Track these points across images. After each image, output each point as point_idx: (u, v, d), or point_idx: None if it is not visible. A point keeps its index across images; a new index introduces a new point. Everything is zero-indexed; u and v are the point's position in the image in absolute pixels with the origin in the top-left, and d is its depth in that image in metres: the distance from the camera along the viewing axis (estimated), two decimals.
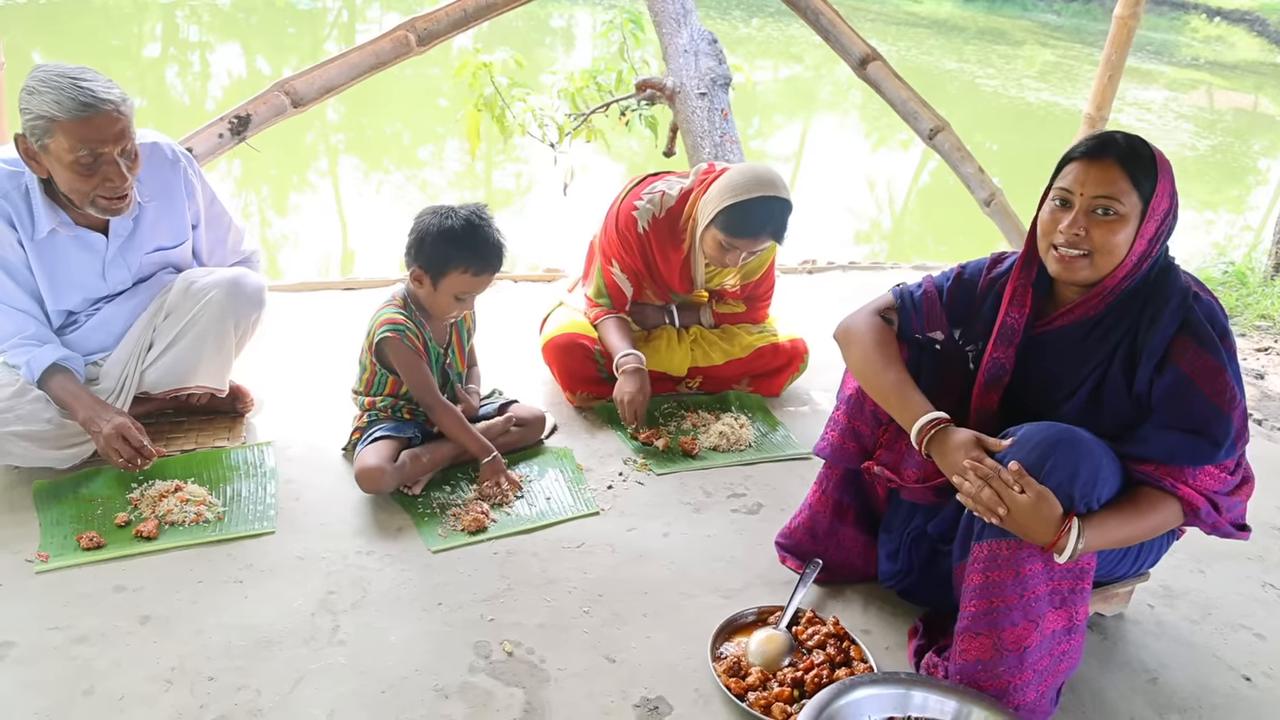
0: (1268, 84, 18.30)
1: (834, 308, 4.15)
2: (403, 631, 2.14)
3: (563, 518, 2.59)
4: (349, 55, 3.24)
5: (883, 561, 2.35)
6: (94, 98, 2.20)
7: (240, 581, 2.24)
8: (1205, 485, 1.93)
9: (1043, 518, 1.84)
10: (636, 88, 5.53)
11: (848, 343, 2.24)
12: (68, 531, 2.31)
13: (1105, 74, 4.07)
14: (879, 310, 2.25)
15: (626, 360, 2.94)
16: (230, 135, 3.19)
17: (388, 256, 6.37)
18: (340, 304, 3.68)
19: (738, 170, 2.84)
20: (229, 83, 10.74)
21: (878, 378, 2.14)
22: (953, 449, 1.97)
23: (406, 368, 2.57)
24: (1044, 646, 1.95)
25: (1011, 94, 13.99)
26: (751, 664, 2.14)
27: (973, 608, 1.96)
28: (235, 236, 2.75)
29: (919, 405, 2.05)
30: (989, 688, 1.95)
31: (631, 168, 8.95)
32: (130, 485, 2.48)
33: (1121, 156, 1.89)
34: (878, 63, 3.89)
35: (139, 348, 2.52)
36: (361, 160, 8.51)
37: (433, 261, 2.51)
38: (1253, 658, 2.42)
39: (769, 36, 16.03)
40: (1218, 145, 12.35)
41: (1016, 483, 1.85)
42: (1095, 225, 1.90)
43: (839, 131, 12.46)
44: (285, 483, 2.59)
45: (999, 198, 4.26)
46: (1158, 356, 1.92)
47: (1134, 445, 1.94)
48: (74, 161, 2.23)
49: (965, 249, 8.18)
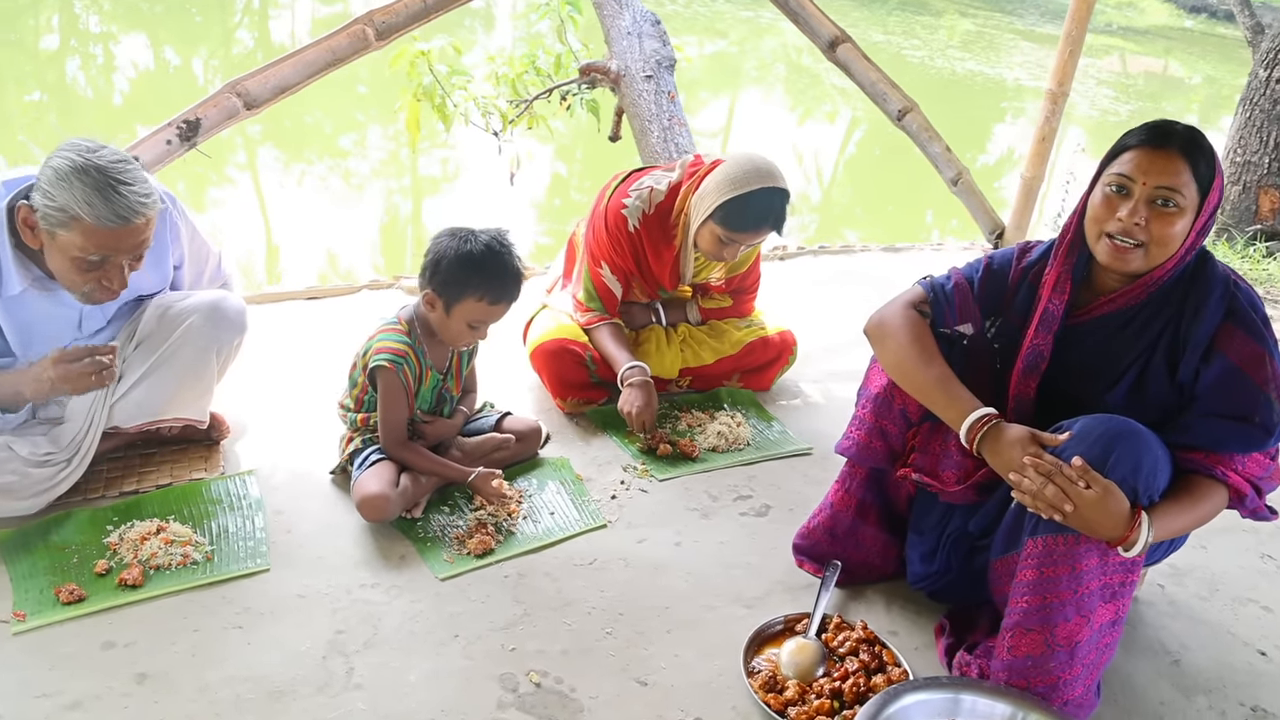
0: (1176, 48, 18.77)
1: (809, 292, 4.15)
2: (422, 669, 2.03)
3: (570, 533, 2.49)
4: (304, 53, 3.06)
5: (915, 564, 2.29)
6: (129, 209, 2.02)
7: (240, 627, 2.09)
8: (1251, 472, 1.92)
9: (1111, 513, 1.79)
10: (580, 72, 5.40)
11: (882, 337, 2.15)
12: (43, 585, 2.13)
13: (1066, 49, 4.06)
14: (912, 303, 2.15)
15: (632, 373, 2.85)
16: (179, 141, 3.00)
17: (314, 257, 6.16)
18: (304, 315, 3.50)
19: (734, 162, 2.75)
20: (135, 75, 10.30)
21: (919, 374, 2.05)
22: (1007, 445, 1.90)
23: (387, 402, 2.43)
24: (1093, 641, 1.92)
25: (938, 64, 14.11)
26: (787, 676, 2.08)
27: (1024, 603, 1.91)
28: (214, 264, 2.57)
29: (967, 401, 1.98)
30: (1038, 684, 1.91)
31: (576, 153, 8.82)
32: (106, 529, 2.30)
33: (1184, 146, 1.84)
34: (847, 45, 3.83)
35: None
36: (282, 152, 8.17)
37: (448, 286, 2.38)
38: (1265, 631, 2.44)
39: (695, 13, 15.93)
40: (1138, 110, 12.60)
41: (1081, 478, 1.80)
42: (1155, 216, 1.86)
43: (766, 105, 12.45)
44: (274, 514, 2.44)
45: (965, 176, 4.23)
46: (1204, 345, 1.89)
47: (1181, 434, 1.91)
48: (79, 259, 2.05)
49: (896, 220, 8.24)
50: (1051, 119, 4.21)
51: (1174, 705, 2.15)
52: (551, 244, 7.13)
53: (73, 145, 2.04)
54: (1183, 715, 2.12)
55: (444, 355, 2.53)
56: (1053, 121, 4.22)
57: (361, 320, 3.45)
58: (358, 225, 6.90)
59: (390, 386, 2.42)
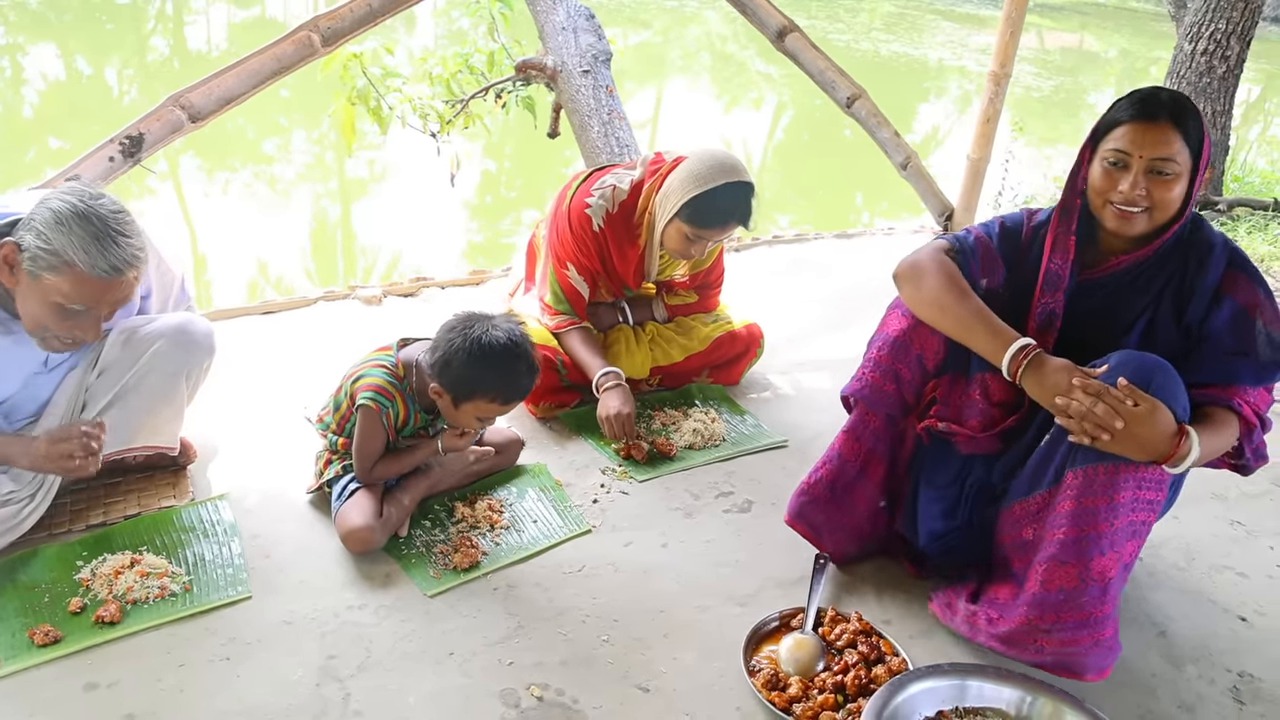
0: (1091, 22, 19.19)
1: (767, 283, 4.15)
2: (420, 690, 1.98)
3: (555, 541, 2.46)
4: (248, 62, 2.96)
5: (933, 521, 2.27)
6: (123, 261, 1.97)
7: (227, 658, 2.03)
8: (1259, 405, 2.03)
9: (1160, 428, 1.87)
10: (516, 69, 5.33)
11: (918, 276, 2.16)
12: (15, 628, 2.03)
13: (1006, 31, 4.11)
14: (942, 249, 2.20)
15: (606, 379, 2.83)
16: (123, 158, 2.88)
17: (245, 267, 5.99)
18: (260, 330, 3.40)
19: (697, 159, 2.73)
20: (45, 87, 9.95)
21: (959, 306, 2.08)
22: (1051, 372, 1.96)
23: (364, 439, 2.37)
24: (1118, 581, 1.98)
25: (863, 47, 14.25)
26: (788, 673, 2.07)
27: (1062, 534, 1.96)
28: (178, 288, 2.48)
29: (1008, 332, 2.04)
30: (1069, 619, 1.95)
31: (508, 149, 8.73)
32: (76, 564, 2.21)
33: (1174, 115, 1.95)
34: (795, 34, 3.83)
35: (71, 412, 2.24)
36: (205, 160, 7.93)
37: (458, 385, 2.30)
38: (1243, 597, 2.50)
39: (620, 4, 15.89)
40: (1059, 86, 12.88)
41: (1129, 396, 1.86)
42: (1154, 184, 1.97)
43: (693, 94, 12.47)
44: (250, 539, 2.36)
45: (914, 160, 4.27)
46: (1212, 291, 2.03)
47: (1196, 372, 2.00)
48: (60, 306, 1.99)
49: (828, 204, 8.31)
50: (995, 100, 4.26)
51: (1165, 676, 2.19)
52: (484, 241, 7.07)
53: (74, 189, 1.99)
54: (1174, 686, 2.17)
55: (432, 401, 2.46)
56: (996, 103, 4.27)
57: (318, 333, 3.38)
58: (288, 233, 6.75)
59: (369, 424, 2.36)
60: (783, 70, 11.64)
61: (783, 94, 11.88)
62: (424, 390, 2.39)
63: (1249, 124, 11.89)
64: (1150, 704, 2.11)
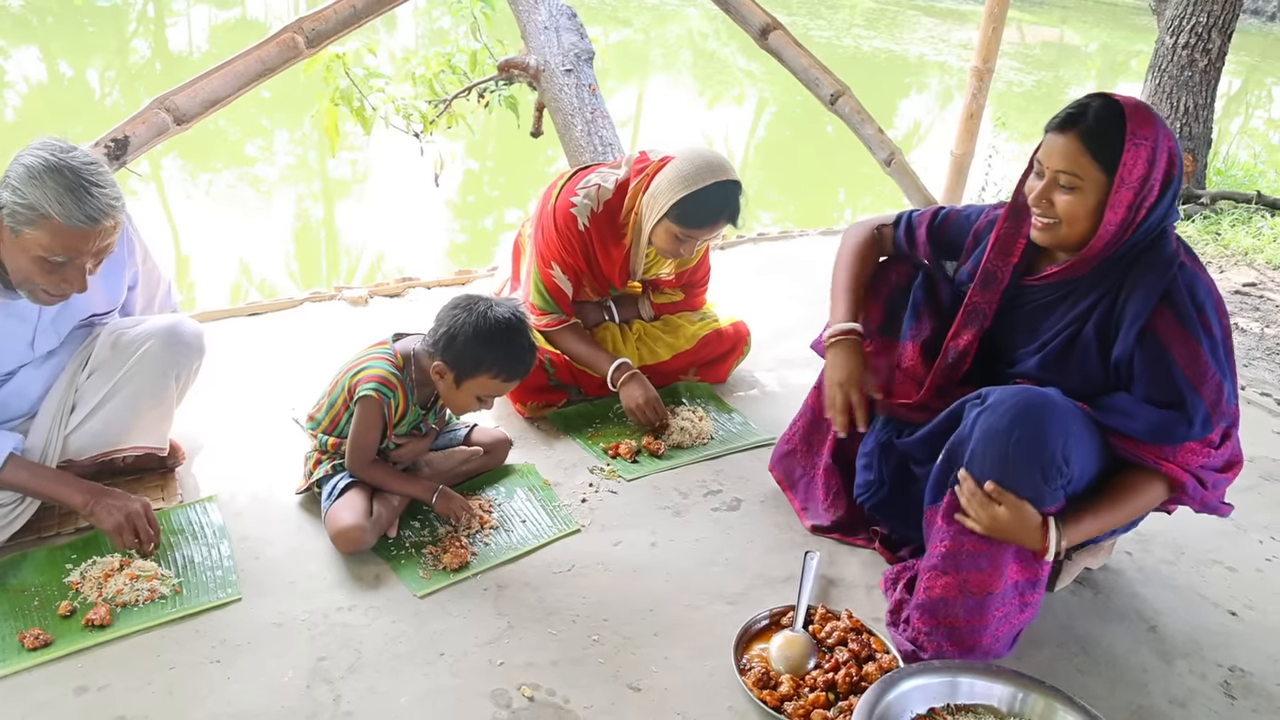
0: (1072, 16, 19.30)
1: (753, 280, 4.16)
2: (411, 691, 1.98)
3: (545, 540, 2.46)
4: (233, 64, 2.96)
5: (859, 472, 2.40)
6: (99, 210, 1.97)
7: (218, 661, 2.02)
8: (1187, 461, 1.97)
9: (1025, 527, 1.93)
10: (499, 69, 5.32)
11: (840, 244, 2.45)
12: (5, 632, 2.03)
13: (989, 27, 4.13)
14: (875, 223, 2.43)
15: (620, 371, 2.87)
16: (109, 160, 2.87)
17: (228, 268, 5.96)
18: (247, 332, 3.39)
19: (684, 159, 2.73)
20: (27, 90, 9.88)
21: (836, 274, 2.38)
22: (835, 368, 2.28)
23: (362, 428, 2.37)
24: (1006, 595, 2.03)
25: (846, 43, 14.30)
26: (779, 672, 2.08)
27: (942, 547, 2.06)
28: (164, 291, 2.48)
29: (845, 311, 2.31)
30: (947, 625, 2.04)
31: (490, 149, 8.71)
32: (65, 567, 2.20)
33: (1085, 131, 1.91)
34: (778, 32, 3.84)
35: (61, 412, 2.23)
36: (188, 161, 7.91)
37: (462, 361, 2.32)
38: (1231, 591, 2.51)
39: (601, 2, 15.88)
40: (1040, 80, 12.93)
41: (996, 499, 1.93)
42: (1059, 196, 1.96)
43: (674, 91, 12.48)
44: (239, 540, 2.36)
45: (898, 157, 4.29)
46: (1140, 324, 1.94)
47: (1118, 418, 1.97)
48: (42, 258, 1.98)
49: (810, 200, 8.33)
50: (978, 95, 4.29)
51: (1156, 672, 2.20)
52: (467, 241, 7.05)
53: (45, 144, 1.99)
54: (1165, 681, 2.18)
55: (429, 393, 2.47)
56: (980, 99, 4.30)
57: (305, 335, 3.38)
58: (271, 234, 6.72)
59: (370, 414, 2.36)
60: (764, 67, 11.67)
61: (764, 91, 11.91)
62: (423, 380, 2.41)
63: (1230, 116, 11.99)
64: (1141, 699, 2.12)
